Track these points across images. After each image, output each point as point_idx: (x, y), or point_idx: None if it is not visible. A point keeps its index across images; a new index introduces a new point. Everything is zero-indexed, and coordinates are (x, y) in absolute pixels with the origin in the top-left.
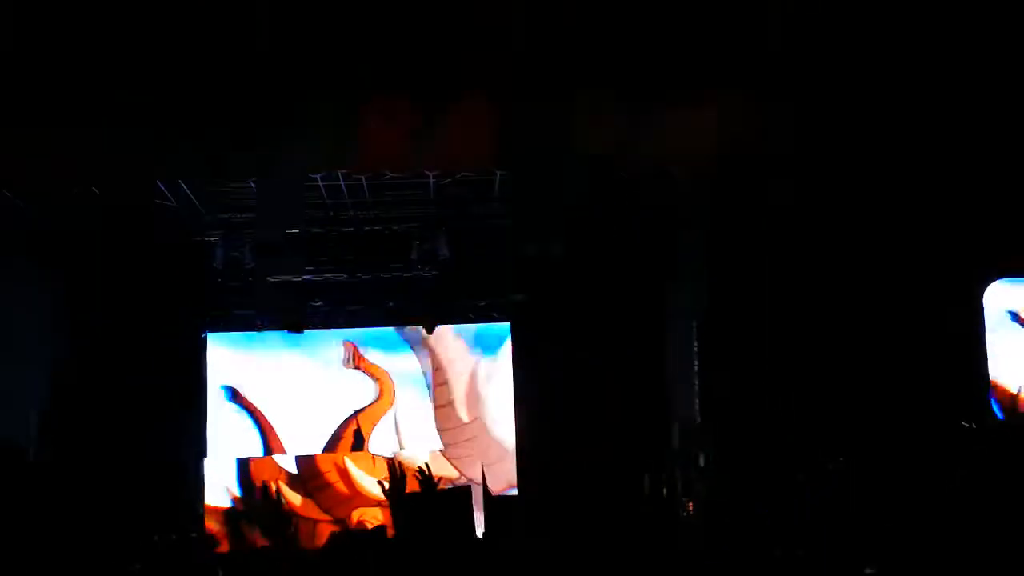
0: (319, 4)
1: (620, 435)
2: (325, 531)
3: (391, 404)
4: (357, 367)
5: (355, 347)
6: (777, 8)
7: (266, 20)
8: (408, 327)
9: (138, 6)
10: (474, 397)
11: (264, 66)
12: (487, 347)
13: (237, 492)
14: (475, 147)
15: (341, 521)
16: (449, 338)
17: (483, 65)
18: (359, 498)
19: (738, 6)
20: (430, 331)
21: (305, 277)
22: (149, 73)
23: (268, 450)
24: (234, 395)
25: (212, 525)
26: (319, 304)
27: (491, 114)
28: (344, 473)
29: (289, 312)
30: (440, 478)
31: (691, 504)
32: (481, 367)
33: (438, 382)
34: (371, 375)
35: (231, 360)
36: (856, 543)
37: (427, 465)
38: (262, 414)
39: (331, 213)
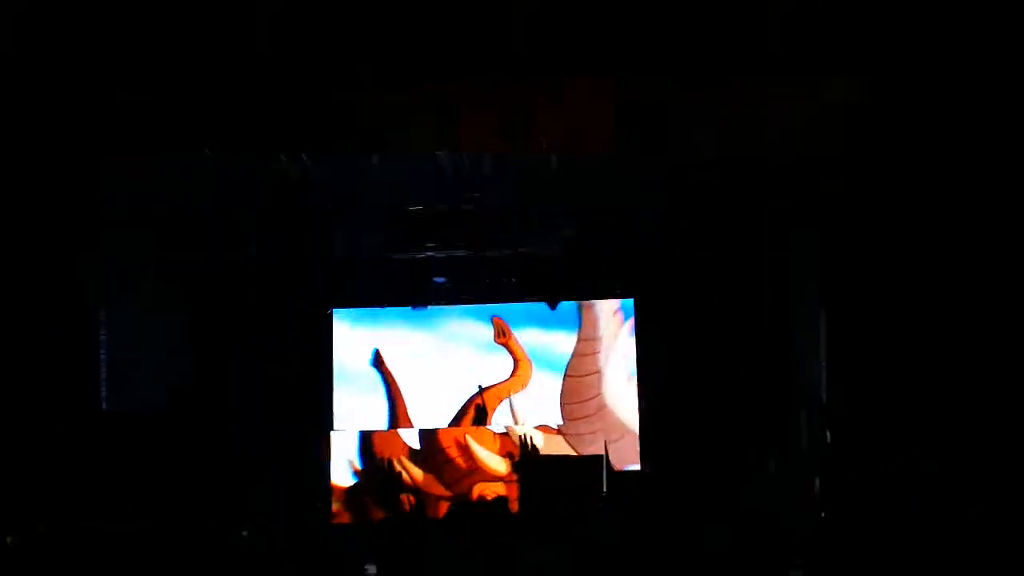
0: None
1: (745, 414)
2: (445, 506)
3: (524, 384)
4: (503, 344)
5: (503, 323)
6: None
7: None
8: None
9: None
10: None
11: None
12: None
13: (359, 466)
14: (589, 127)
15: (461, 495)
16: (606, 313)
17: (596, 45)
18: (479, 472)
19: None
20: (553, 307)
21: (428, 254)
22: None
23: (394, 424)
24: (377, 360)
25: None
26: (442, 281)
27: (606, 93)
28: (464, 448)
29: (413, 289)
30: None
31: (816, 483)
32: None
33: (581, 353)
34: (511, 353)
35: (357, 336)
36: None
37: (531, 438)
38: (396, 385)
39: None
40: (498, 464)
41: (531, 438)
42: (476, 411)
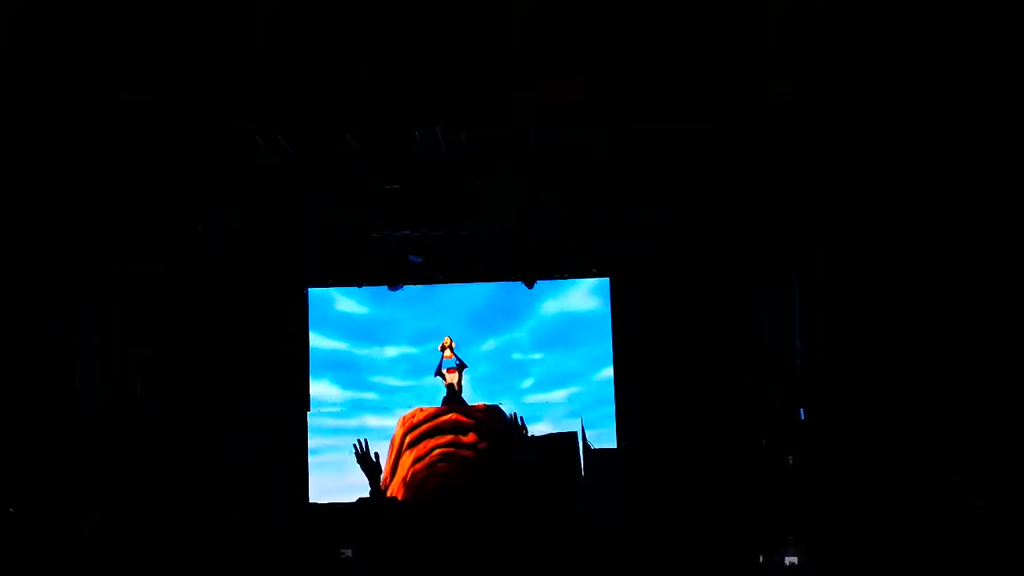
0: None
1: (721, 392)
2: (428, 484)
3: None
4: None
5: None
6: None
7: None
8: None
9: None
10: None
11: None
12: None
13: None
14: (578, 104)
15: (443, 475)
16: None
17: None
18: (461, 450)
19: None
20: (530, 286)
21: (404, 232)
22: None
23: None
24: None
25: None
26: (418, 260)
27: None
28: (447, 426)
29: (388, 267)
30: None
31: (791, 459)
32: None
33: None
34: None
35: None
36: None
37: (520, 417)
38: None
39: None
40: (479, 441)
41: (516, 415)
42: (449, 391)
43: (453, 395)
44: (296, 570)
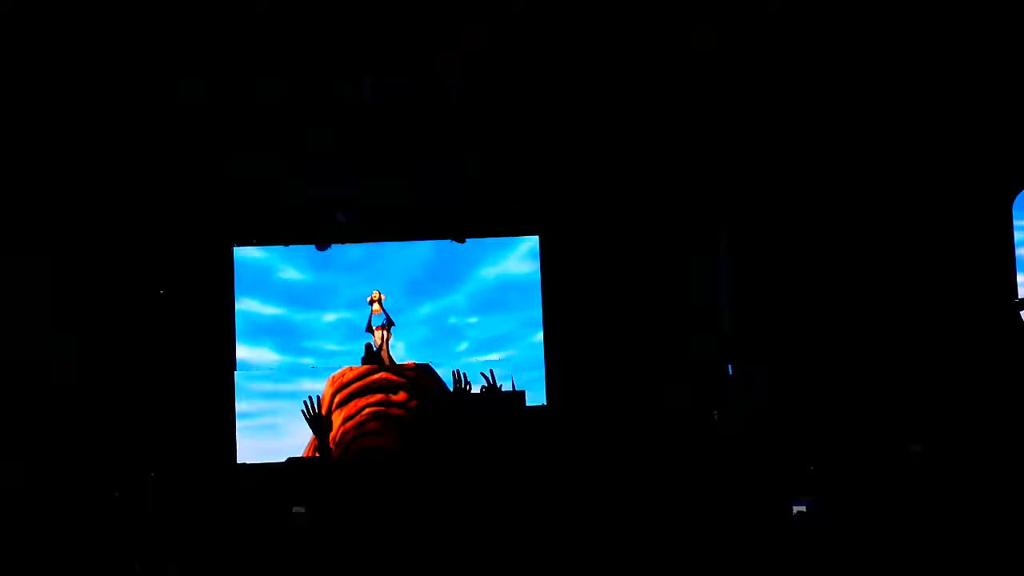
0: None
1: (650, 348)
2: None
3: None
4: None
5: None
6: None
7: None
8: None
9: None
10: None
11: None
12: None
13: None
14: (498, 55)
15: (373, 432)
16: None
17: None
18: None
19: None
20: (461, 241)
21: (331, 190)
22: None
23: None
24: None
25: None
26: (347, 219)
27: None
28: (372, 384)
29: (315, 226)
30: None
31: (716, 414)
32: None
33: None
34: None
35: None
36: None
37: (491, 372)
38: None
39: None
40: (409, 399)
41: (459, 371)
42: (367, 350)
43: (371, 355)
44: (248, 527)
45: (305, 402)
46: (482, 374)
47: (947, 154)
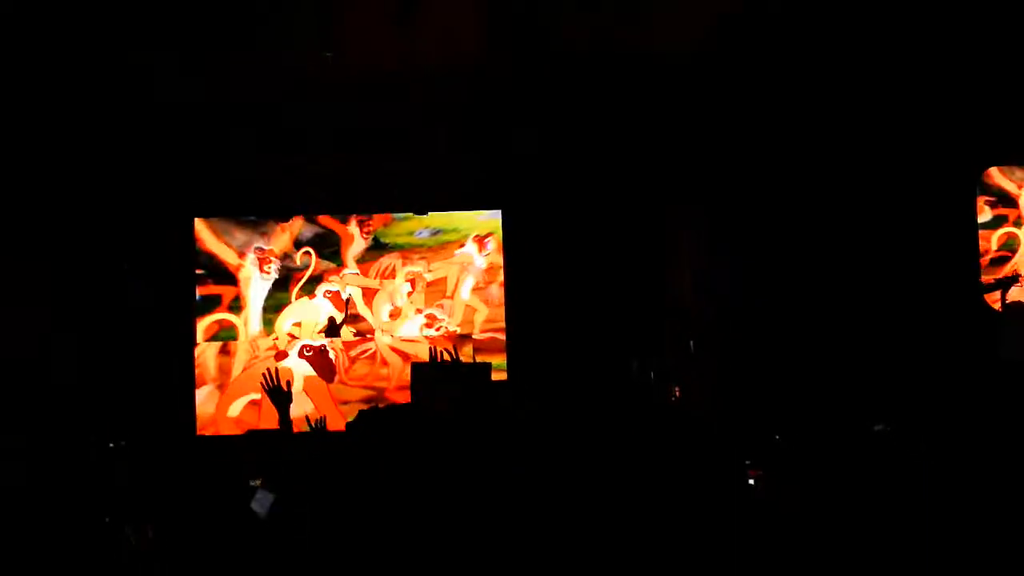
0: None
1: (613, 324)
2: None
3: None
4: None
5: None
6: None
7: None
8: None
9: None
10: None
11: None
12: None
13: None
14: (457, 41)
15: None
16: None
17: None
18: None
19: None
20: (421, 215)
21: (298, 162)
22: None
23: None
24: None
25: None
26: (314, 190)
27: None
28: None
29: (279, 199)
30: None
31: (677, 389)
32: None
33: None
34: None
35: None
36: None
37: (454, 347)
38: None
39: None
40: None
41: (436, 348)
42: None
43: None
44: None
45: (264, 374)
46: (444, 350)
47: (914, 144)
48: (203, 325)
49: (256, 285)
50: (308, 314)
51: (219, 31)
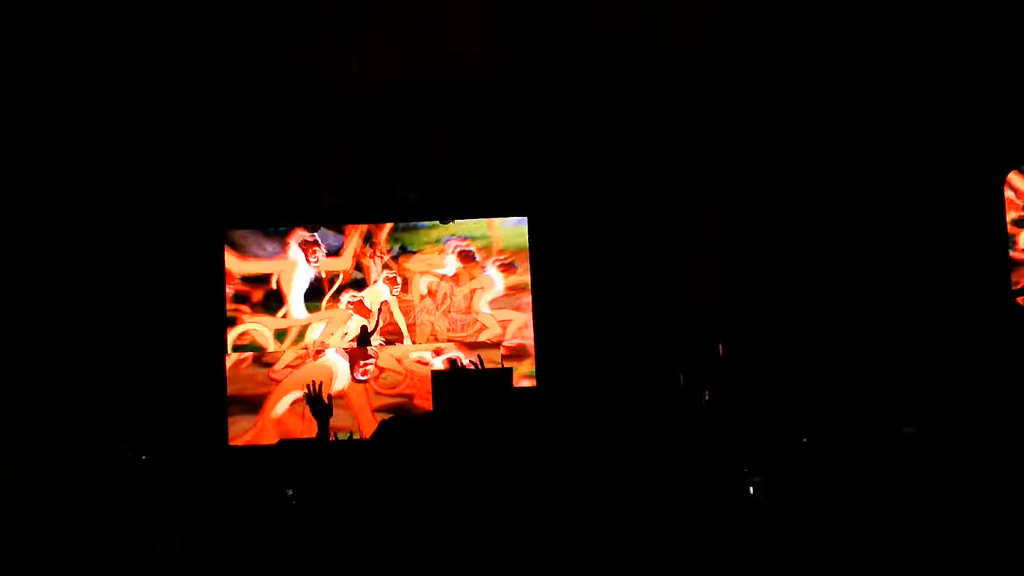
0: None
1: (640, 327)
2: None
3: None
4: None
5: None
6: None
7: None
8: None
9: None
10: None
11: None
12: None
13: None
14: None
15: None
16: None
17: None
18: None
19: None
20: (445, 223)
21: (322, 170)
22: None
23: None
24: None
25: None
26: (336, 199)
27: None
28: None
29: (306, 207)
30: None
31: (707, 393)
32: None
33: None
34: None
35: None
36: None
37: (479, 357)
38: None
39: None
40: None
41: (459, 358)
42: (362, 331)
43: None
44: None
45: (307, 386)
46: (471, 360)
47: (939, 142)
48: (234, 334)
49: (301, 272)
50: (339, 323)
51: (239, 35)
